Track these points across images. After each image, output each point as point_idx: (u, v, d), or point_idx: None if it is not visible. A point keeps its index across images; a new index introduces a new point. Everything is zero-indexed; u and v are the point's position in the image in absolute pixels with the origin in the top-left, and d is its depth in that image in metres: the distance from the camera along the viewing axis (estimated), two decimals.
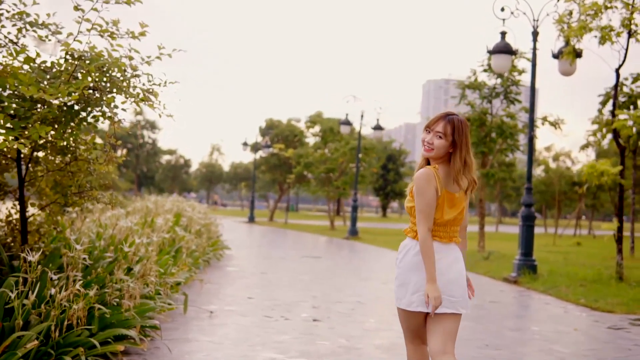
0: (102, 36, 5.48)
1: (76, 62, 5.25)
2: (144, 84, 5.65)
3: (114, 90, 5.53)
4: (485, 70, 19.60)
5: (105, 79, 5.42)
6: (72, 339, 4.70)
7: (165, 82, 5.61)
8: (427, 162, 3.95)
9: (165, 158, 78.42)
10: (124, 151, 71.89)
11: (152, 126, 75.12)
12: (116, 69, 5.47)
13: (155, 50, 5.63)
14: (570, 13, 13.44)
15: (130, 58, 5.58)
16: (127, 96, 5.56)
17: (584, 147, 39.17)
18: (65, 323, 4.69)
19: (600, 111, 22.50)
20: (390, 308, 9.15)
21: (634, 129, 13.29)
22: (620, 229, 13.32)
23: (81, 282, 4.95)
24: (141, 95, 5.57)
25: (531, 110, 14.15)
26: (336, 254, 19.55)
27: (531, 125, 14.18)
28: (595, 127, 23.77)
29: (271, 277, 12.06)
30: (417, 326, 4.02)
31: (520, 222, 13.84)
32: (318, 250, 20.46)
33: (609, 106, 22.23)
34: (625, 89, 22.03)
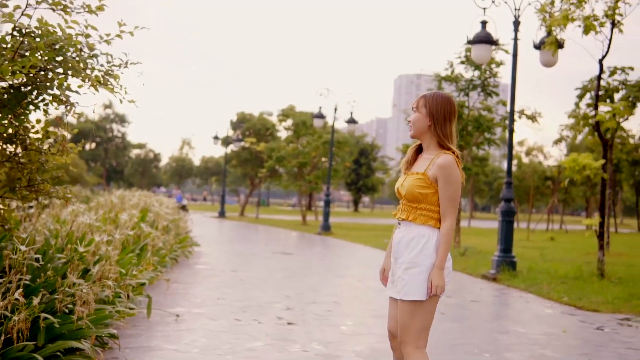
0: (54, 10, 4.88)
1: (24, 39, 4.66)
2: (102, 65, 5.07)
3: (69, 72, 4.95)
4: (462, 62, 19.18)
5: (57, 59, 4.84)
6: (13, 354, 4.11)
7: (127, 63, 5.03)
8: (420, 146, 3.92)
9: (134, 152, 77.32)
10: (93, 145, 70.83)
11: (122, 120, 74.03)
12: (71, 48, 4.90)
13: (132, 46, 5.05)
14: (552, 2, 13.03)
15: (87, 36, 4.99)
16: (84, 79, 4.98)
17: (557, 141, 39.12)
18: (3, 337, 4.08)
19: (577, 105, 22.26)
20: (369, 309, 8.66)
21: (617, 122, 12.96)
22: (602, 225, 12.96)
23: (21, 289, 4.34)
24: (101, 78, 5.00)
25: (512, 102, 13.73)
26: (309, 250, 19.04)
27: (511, 117, 13.77)
28: (571, 121, 23.56)
29: (242, 275, 11.50)
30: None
31: (499, 218, 13.43)
32: (290, 246, 19.92)
33: (586, 99, 22.02)
34: (602, 82, 21.82)
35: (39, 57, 4.65)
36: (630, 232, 41.57)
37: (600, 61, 13.02)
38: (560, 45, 13.31)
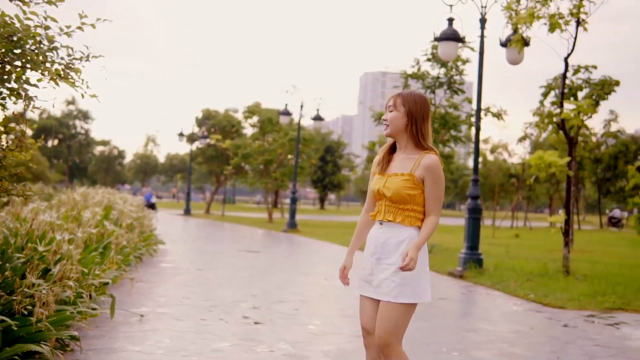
0: (11, 0, 4.70)
1: None
2: (62, 58, 4.90)
3: (27, 65, 4.77)
4: (428, 60, 19.17)
5: (15, 51, 4.66)
6: None
7: (88, 57, 4.86)
8: (393, 146, 3.88)
9: (98, 149, 76.35)
10: (55, 141, 69.79)
11: (85, 116, 73.01)
12: (30, 41, 4.72)
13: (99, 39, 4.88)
14: (519, 0, 13.06)
15: (47, 28, 4.82)
16: (43, 72, 4.80)
17: (521, 139, 39.49)
18: None
19: (541, 103, 22.43)
20: (336, 308, 8.58)
21: (581, 119, 13.04)
22: (567, 222, 13.04)
23: None
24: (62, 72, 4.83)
25: (478, 99, 13.75)
26: (275, 247, 18.91)
27: (478, 115, 13.79)
28: (536, 119, 23.75)
29: (208, 274, 11.35)
30: None
31: (466, 215, 13.45)
32: (257, 244, 19.78)
33: (551, 97, 22.19)
34: (566, 81, 22.01)
35: None
36: (592, 229, 42.14)
37: (566, 59, 13.10)
38: (526, 43, 13.35)
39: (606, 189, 52.82)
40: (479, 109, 13.82)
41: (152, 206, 37.77)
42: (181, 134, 44.36)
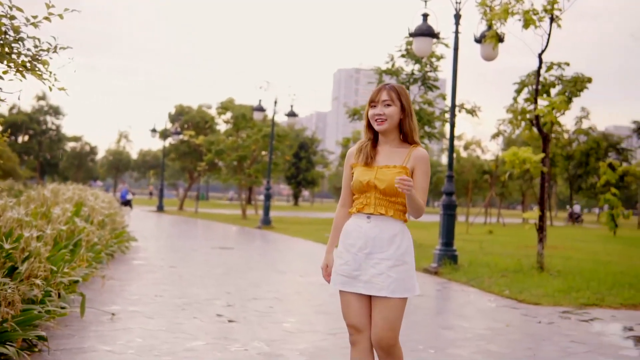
0: None
1: None
2: (29, 50, 4.74)
3: None
4: (403, 56, 19.15)
5: None
6: None
7: (56, 48, 4.71)
8: (374, 140, 3.80)
9: (70, 145, 75.43)
10: (26, 137, 68.86)
11: (56, 112, 72.09)
12: None
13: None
14: None
15: (12, 18, 4.66)
16: (9, 63, 4.65)
17: (494, 136, 39.65)
18: None
19: (515, 99, 22.50)
20: (311, 305, 8.48)
21: (555, 116, 13.07)
22: (541, 218, 13.07)
23: None
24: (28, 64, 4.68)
25: (453, 95, 13.72)
26: (249, 244, 18.78)
27: (452, 111, 13.77)
28: (510, 115, 23.82)
29: (181, 271, 11.20)
30: None
31: (441, 211, 13.42)
32: (230, 241, 19.62)
33: (524, 94, 22.28)
34: (539, 77, 22.10)
35: None
36: (564, 225, 42.46)
37: (540, 55, 13.11)
38: (500, 39, 13.35)
39: (577, 185, 53.36)
40: (453, 105, 13.80)
41: (127, 203, 37.35)
42: (154, 130, 43.96)
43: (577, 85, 21.83)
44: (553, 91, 21.62)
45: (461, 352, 6.17)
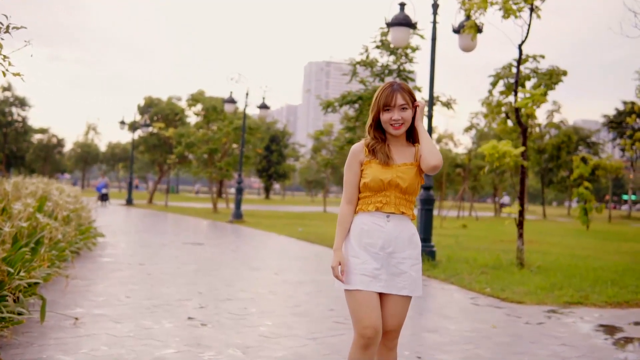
0: None
1: None
2: None
3: None
4: (377, 47, 18.78)
5: None
6: None
7: (8, 28, 4.24)
8: (380, 137, 3.76)
9: (36, 137, 74.01)
10: None
11: (22, 103, 70.65)
12: None
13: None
14: None
15: None
16: None
17: (467, 129, 39.55)
18: None
19: (490, 92, 22.26)
20: (288, 306, 8.07)
21: (534, 108, 12.79)
22: (521, 213, 12.80)
23: None
24: None
25: (430, 86, 13.37)
26: (221, 239, 18.30)
27: (430, 102, 13.42)
28: (484, 108, 23.59)
29: (150, 269, 10.72)
30: None
31: (419, 206, 13.09)
32: (202, 236, 19.13)
33: (499, 87, 22.04)
34: (514, 70, 21.88)
35: None
36: (536, 219, 42.48)
37: (520, 46, 12.82)
38: (479, 29, 13.04)
39: (549, 179, 53.54)
40: (431, 97, 13.45)
41: (104, 197, 36.52)
42: (123, 122, 43.16)
43: (552, 78, 21.66)
44: (528, 84, 21.42)
45: (449, 357, 5.81)
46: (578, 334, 7.14)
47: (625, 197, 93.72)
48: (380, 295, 3.67)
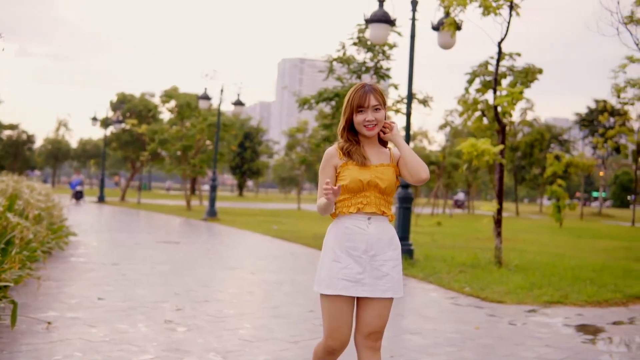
0: None
1: None
2: None
3: None
4: (355, 44, 18.63)
5: None
6: None
7: None
8: (353, 139, 3.72)
9: (5, 133, 72.89)
10: None
11: None
12: None
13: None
14: None
15: None
16: None
17: (442, 127, 39.62)
18: None
19: (466, 90, 22.22)
20: (267, 307, 7.90)
21: (514, 105, 12.74)
22: (499, 211, 12.75)
23: None
24: None
25: (409, 83, 13.25)
26: (196, 238, 18.07)
27: (409, 100, 13.30)
28: (459, 106, 23.57)
29: (125, 269, 10.48)
30: None
31: (397, 204, 12.98)
32: (176, 234, 18.88)
33: (476, 85, 22.01)
34: (490, 68, 21.89)
35: None
36: (509, 216, 42.68)
37: (499, 44, 12.75)
38: (458, 27, 12.96)
39: (521, 176, 53.88)
40: (410, 94, 13.33)
41: (78, 194, 35.92)
42: (94, 119, 42.59)
43: (528, 76, 21.69)
44: (504, 82, 21.41)
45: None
46: (561, 334, 7.07)
47: (595, 194, 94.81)
48: (361, 298, 3.64)
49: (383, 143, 3.79)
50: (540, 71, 22.53)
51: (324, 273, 3.62)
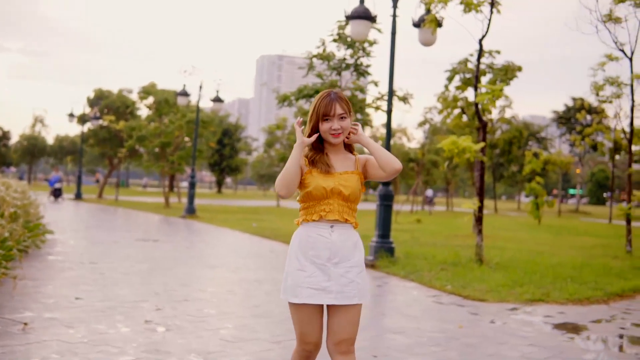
0: None
1: None
2: None
3: None
4: (335, 41, 18.55)
5: None
6: None
7: None
8: (317, 146, 3.71)
9: None
10: None
11: None
12: None
13: None
14: None
15: None
16: None
17: (421, 124, 39.67)
18: None
19: (446, 87, 22.25)
20: (248, 306, 7.80)
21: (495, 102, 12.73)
22: (480, 209, 12.74)
23: None
24: None
25: (390, 81, 13.18)
26: (175, 235, 17.90)
27: (390, 97, 13.23)
28: (439, 103, 23.59)
29: (103, 268, 10.32)
30: None
31: (377, 202, 12.91)
32: (154, 232, 18.70)
33: (455, 82, 22.03)
34: (470, 65, 21.91)
35: None
36: (488, 213, 42.84)
37: (480, 41, 12.72)
38: (439, 24, 12.92)
39: (500, 173, 54.13)
40: (391, 91, 13.26)
41: (57, 192, 35.45)
42: (71, 115, 42.14)
43: (507, 73, 21.77)
44: (484, 79, 21.45)
45: None
46: (544, 333, 7.04)
47: (571, 191, 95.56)
48: (330, 306, 3.62)
49: (349, 148, 3.78)
50: (519, 69, 22.66)
51: (289, 281, 3.61)
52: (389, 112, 13.21)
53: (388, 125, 13.28)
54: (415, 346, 6.16)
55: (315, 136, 3.61)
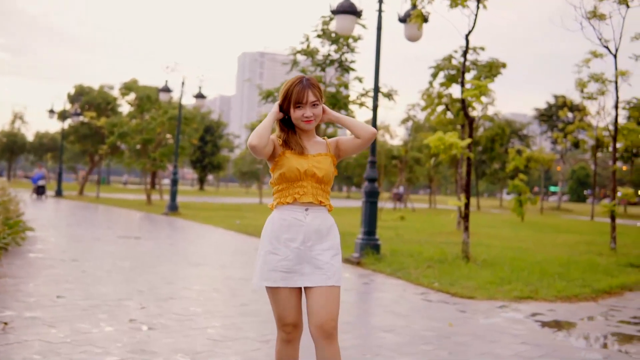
0: None
1: None
2: None
3: None
4: (319, 36, 18.40)
5: None
6: None
7: None
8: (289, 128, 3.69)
9: None
10: None
11: None
12: None
13: None
14: None
15: None
16: None
17: (404, 120, 39.59)
18: None
19: (430, 83, 22.18)
20: (234, 304, 7.65)
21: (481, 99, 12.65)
22: (467, 206, 12.67)
23: None
24: None
25: (376, 76, 13.05)
26: (158, 233, 17.70)
27: (376, 93, 13.11)
28: (422, 99, 23.52)
29: (85, 266, 10.13)
30: None
31: (363, 198, 12.80)
32: (137, 229, 18.48)
33: (439, 78, 21.97)
34: (454, 62, 21.87)
35: None
36: (470, 211, 42.91)
37: (467, 36, 12.64)
38: (425, 19, 12.82)
39: (482, 171, 54.24)
40: (376, 87, 13.13)
41: (40, 189, 34.97)
42: (52, 111, 41.69)
43: (492, 70, 21.75)
44: (468, 76, 21.41)
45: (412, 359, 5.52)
46: (536, 331, 6.95)
47: (552, 188, 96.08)
48: (307, 289, 3.58)
49: (318, 133, 3.81)
50: (504, 65, 22.63)
51: (262, 265, 3.59)
52: (374, 109, 13.09)
53: (374, 122, 13.16)
54: (405, 345, 6.04)
55: (282, 115, 3.61)
